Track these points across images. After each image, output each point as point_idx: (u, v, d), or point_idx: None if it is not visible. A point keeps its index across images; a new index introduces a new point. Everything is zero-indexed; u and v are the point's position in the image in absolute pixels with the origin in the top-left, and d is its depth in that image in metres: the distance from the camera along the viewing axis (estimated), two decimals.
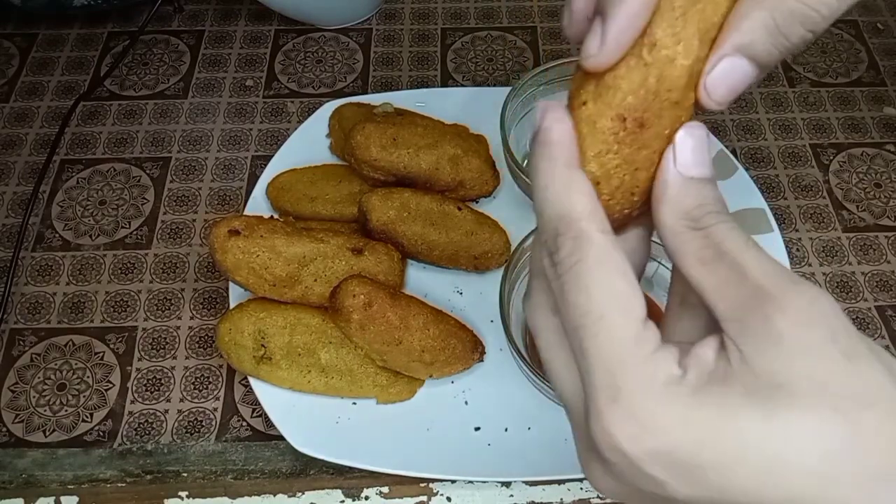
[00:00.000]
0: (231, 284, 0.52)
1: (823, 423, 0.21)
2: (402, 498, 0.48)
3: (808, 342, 0.22)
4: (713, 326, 0.24)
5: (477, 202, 0.58)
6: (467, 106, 0.62)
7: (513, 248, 0.53)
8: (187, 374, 0.52)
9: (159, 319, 0.55)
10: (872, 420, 0.21)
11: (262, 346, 0.48)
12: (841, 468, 0.21)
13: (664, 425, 0.22)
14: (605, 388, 0.23)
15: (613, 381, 0.23)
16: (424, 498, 0.48)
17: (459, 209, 0.54)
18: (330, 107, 0.62)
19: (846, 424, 0.21)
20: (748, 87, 0.26)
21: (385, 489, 0.48)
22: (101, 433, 0.50)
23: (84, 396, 0.51)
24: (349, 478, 0.48)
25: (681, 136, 0.26)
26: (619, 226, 0.27)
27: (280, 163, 0.59)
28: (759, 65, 0.26)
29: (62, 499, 0.48)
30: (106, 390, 0.52)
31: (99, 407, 0.51)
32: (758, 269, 0.23)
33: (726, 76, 0.25)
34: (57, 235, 0.59)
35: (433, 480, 0.48)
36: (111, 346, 0.53)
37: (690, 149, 0.26)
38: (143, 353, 0.53)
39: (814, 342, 0.22)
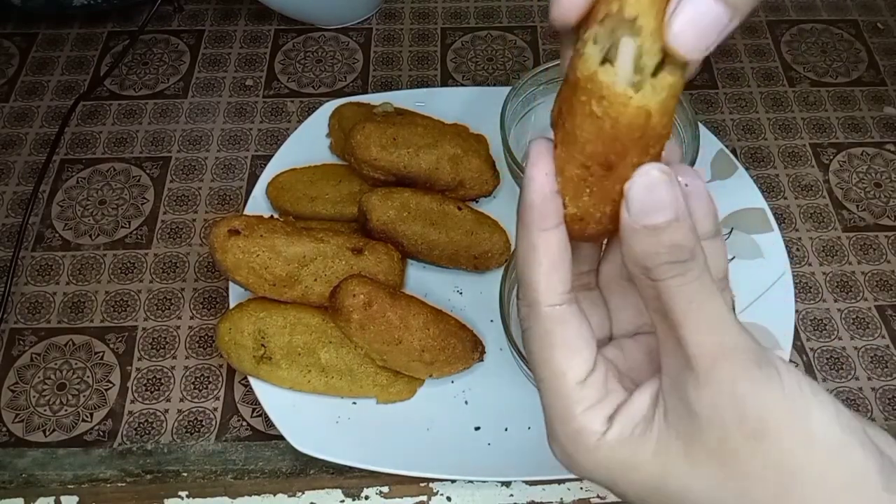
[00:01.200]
0: (231, 284, 0.52)
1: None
2: (402, 497, 0.48)
3: (719, 422, 0.25)
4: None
5: (477, 202, 0.58)
6: (467, 105, 0.62)
7: (513, 248, 0.53)
8: (187, 373, 0.52)
9: (159, 319, 0.55)
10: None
11: (262, 345, 0.48)
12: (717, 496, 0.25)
13: (584, 466, 0.27)
14: (549, 426, 0.29)
15: (552, 427, 0.28)
16: (424, 498, 0.48)
17: (459, 209, 0.54)
18: (330, 106, 0.62)
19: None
20: (724, 35, 0.24)
21: (385, 489, 0.48)
22: (101, 433, 0.50)
23: (84, 396, 0.51)
24: (349, 477, 0.48)
25: (629, 185, 0.25)
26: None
27: (280, 162, 0.59)
28: (732, 5, 0.23)
29: (62, 498, 0.48)
30: (106, 390, 0.52)
31: (99, 407, 0.51)
32: (693, 337, 0.25)
33: (692, 21, 0.23)
34: (57, 235, 0.59)
35: (433, 480, 0.48)
36: (111, 345, 0.53)
37: (639, 198, 0.24)
38: (143, 353, 0.53)
39: (723, 422, 0.25)
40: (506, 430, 0.49)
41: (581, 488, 0.48)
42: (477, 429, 0.49)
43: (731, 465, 0.25)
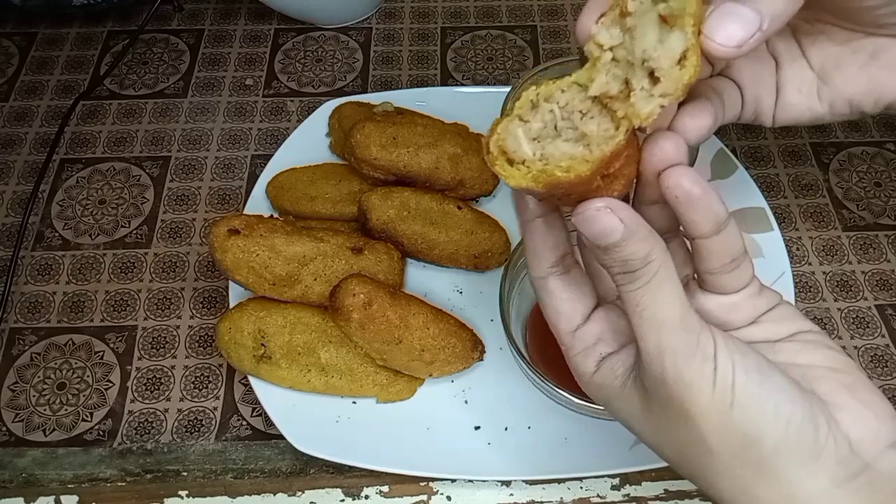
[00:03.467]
0: (231, 283, 0.52)
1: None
2: (401, 497, 0.48)
3: (657, 399, 0.31)
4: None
5: (477, 201, 0.58)
6: (467, 105, 0.62)
7: (513, 247, 0.53)
8: (187, 373, 0.52)
9: (159, 319, 0.55)
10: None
11: (262, 345, 0.48)
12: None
13: (585, 389, 0.34)
14: (565, 356, 0.34)
15: (564, 349, 0.34)
16: (424, 497, 0.48)
17: (459, 208, 0.54)
18: (330, 106, 0.62)
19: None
20: (756, 38, 0.28)
21: (385, 488, 0.48)
22: (101, 432, 0.50)
23: (84, 396, 0.51)
24: (349, 477, 0.48)
25: (573, 218, 0.29)
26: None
27: (280, 162, 0.59)
28: (761, 11, 0.28)
29: (62, 498, 0.48)
30: (106, 389, 0.52)
31: (99, 406, 0.51)
32: (639, 332, 0.29)
33: (724, 18, 0.28)
34: (57, 235, 0.59)
35: (433, 479, 0.48)
36: (111, 345, 0.53)
37: (583, 228, 0.29)
38: (142, 353, 0.53)
39: (659, 401, 0.31)
40: (505, 429, 0.49)
41: (581, 487, 0.48)
42: (477, 428, 0.49)
43: (666, 430, 0.31)
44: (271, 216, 0.52)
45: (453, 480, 0.48)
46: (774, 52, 0.38)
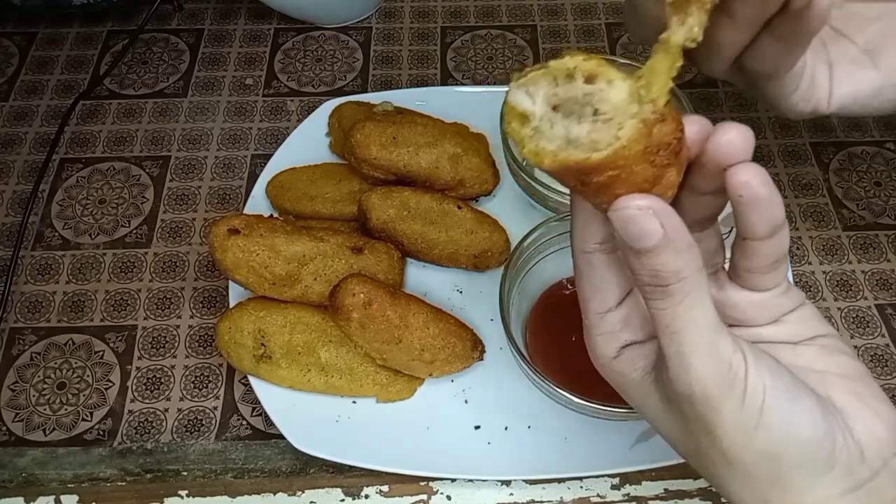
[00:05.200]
0: (231, 283, 0.52)
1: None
2: (401, 496, 0.48)
3: (679, 409, 0.30)
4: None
5: (477, 201, 0.58)
6: (467, 104, 0.62)
7: (512, 247, 0.53)
8: (187, 372, 0.52)
9: (159, 318, 0.55)
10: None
11: (262, 344, 0.48)
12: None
13: (599, 369, 0.33)
14: (585, 331, 0.33)
15: (585, 329, 0.33)
16: (424, 496, 0.48)
17: (459, 208, 0.54)
18: (330, 105, 0.61)
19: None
20: None
21: (385, 488, 0.48)
22: (101, 432, 0.50)
23: (84, 395, 0.51)
24: (349, 476, 0.48)
25: (610, 213, 0.27)
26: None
27: (280, 161, 0.59)
28: None
29: (62, 497, 0.48)
30: (106, 389, 0.52)
31: (99, 406, 0.51)
32: (667, 350, 0.28)
33: None
34: (56, 234, 0.59)
35: (433, 479, 0.48)
36: (111, 344, 0.53)
37: (618, 227, 0.27)
38: (142, 352, 0.53)
39: (682, 411, 0.30)
40: (506, 429, 0.49)
41: (581, 487, 0.48)
42: (477, 428, 0.49)
43: (685, 434, 0.31)
44: (271, 216, 0.52)
45: (453, 480, 0.48)
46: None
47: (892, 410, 0.31)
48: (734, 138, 0.27)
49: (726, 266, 0.33)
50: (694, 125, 0.28)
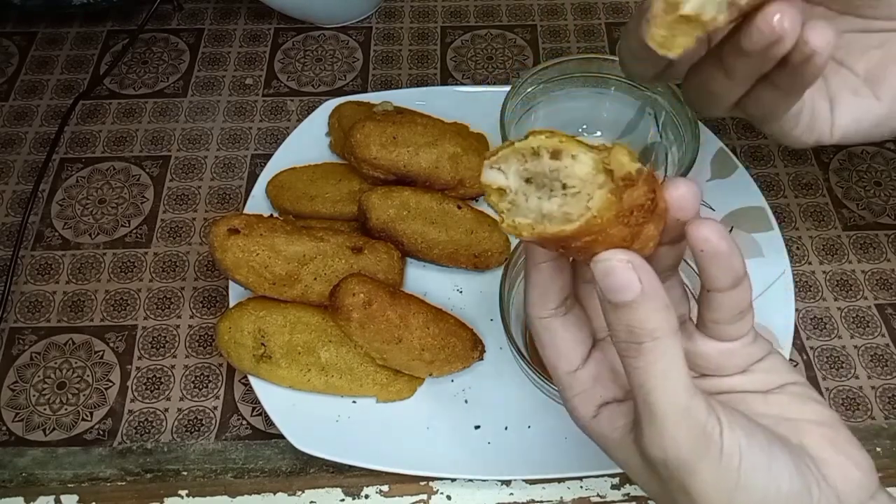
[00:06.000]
0: (231, 283, 0.52)
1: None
2: (401, 496, 0.48)
3: (658, 469, 0.30)
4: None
5: (477, 201, 0.58)
6: (467, 104, 0.62)
7: (512, 247, 0.53)
8: (187, 372, 0.52)
9: (159, 318, 0.55)
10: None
11: (262, 344, 0.48)
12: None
13: (582, 430, 0.33)
14: (562, 396, 0.34)
15: (561, 394, 0.34)
16: (424, 496, 0.48)
17: (459, 207, 0.54)
18: (330, 105, 0.62)
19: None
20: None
21: (385, 487, 0.48)
22: (101, 432, 0.50)
23: (84, 395, 0.51)
24: (349, 476, 0.48)
25: (592, 266, 0.27)
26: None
27: (280, 161, 0.59)
28: None
29: (62, 497, 0.48)
30: (106, 389, 0.52)
31: (99, 405, 0.51)
32: (641, 408, 0.28)
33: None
34: (56, 234, 0.59)
35: (433, 479, 0.48)
36: (111, 344, 0.53)
37: (599, 279, 0.27)
38: (142, 352, 0.53)
39: (659, 473, 0.30)
40: (505, 428, 0.49)
41: (581, 487, 0.48)
42: (477, 427, 0.49)
43: (665, 493, 0.31)
44: (271, 216, 0.52)
45: (453, 480, 0.48)
46: None
47: (865, 455, 0.31)
48: (686, 192, 0.28)
49: (693, 317, 0.33)
50: (676, 189, 0.28)
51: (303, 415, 0.48)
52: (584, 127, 0.60)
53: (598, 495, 0.48)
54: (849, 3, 0.37)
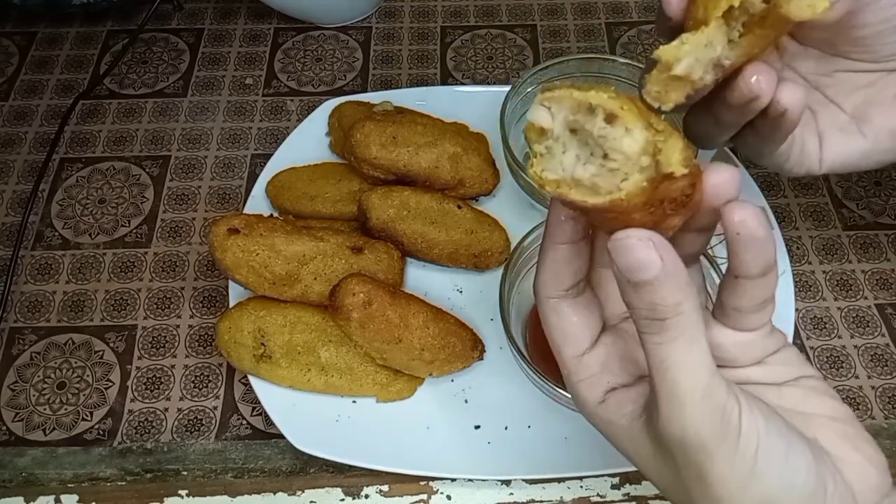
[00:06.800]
0: (231, 283, 0.52)
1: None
2: (401, 496, 0.48)
3: (672, 457, 0.30)
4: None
5: (477, 200, 0.58)
6: (467, 104, 0.62)
7: (512, 247, 0.53)
8: (187, 372, 0.52)
9: (159, 318, 0.55)
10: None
11: (262, 344, 0.48)
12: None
13: (584, 415, 0.33)
14: (566, 381, 0.33)
15: (565, 381, 0.33)
16: (424, 496, 0.48)
17: (459, 207, 0.54)
18: (329, 105, 0.61)
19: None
20: None
21: (385, 487, 0.48)
22: (101, 432, 0.50)
23: (84, 395, 0.51)
24: (349, 476, 0.48)
25: (609, 245, 0.27)
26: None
27: (280, 161, 0.59)
28: None
29: (62, 497, 0.48)
30: (106, 389, 0.52)
31: (99, 405, 0.51)
32: (660, 387, 0.28)
33: None
34: (56, 234, 0.59)
35: (433, 479, 0.48)
36: (111, 344, 0.53)
37: (617, 258, 0.27)
38: (142, 352, 0.53)
39: (675, 459, 0.30)
40: (506, 428, 0.49)
41: (581, 487, 0.48)
42: (477, 427, 0.49)
43: (676, 482, 0.30)
44: (271, 215, 0.52)
45: (453, 480, 0.48)
46: (808, 104, 0.40)
47: (880, 453, 0.31)
48: (726, 177, 0.28)
49: (709, 307, 0.33)
50: (718, 175, 0.28)
51: (303, 415, 0.48)
52: None
53: (598, 495, 0.48)
54: (838, 47, 0.39)
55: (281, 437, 0.47)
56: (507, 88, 0.56)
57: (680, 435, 0.28)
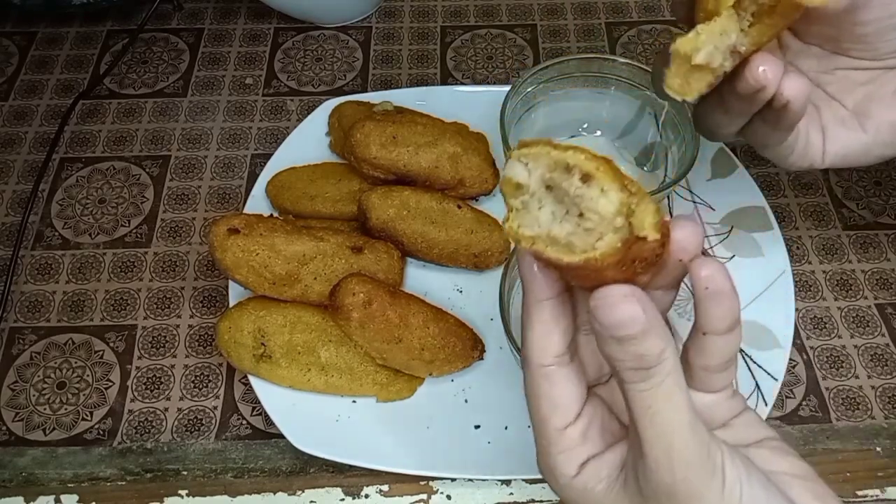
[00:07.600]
0: (231, 283, 0.52)
1: None
2: (402, 496, 0.48)
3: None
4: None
5: (477, 200, 0.58)
6: (467, 104, 0.62)
7: (512, 247, 0.53)
8: (187, 372, 0.52)
9: (159, 318, 0.55)
10: None
11: (262, 344, 0.48)
12: None
13: (558, 492, 0.32)
14: (536, 451, 0.33)
15: (537, 453, 0.33)
16: (424, 496, 0.48)
17: (459, 207, 0.54)
18: (329, 105, 0.61)
19: None
20: None
21: (385, 487, 0.48)
22: (101, 431, 0.50)
23: (84, 395, 0.51)
24: (349, 476, 0.48)
25: (591, 302, 0.27)
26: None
27: (280, 161, 0.59)
28: None
29: (62, 497, 0.48)
30: (106, 389, 0.52)
31: (99, 405, 0.51)
32: (646, 434, 0.28)
33: None
34: (56, 234, 0.59)
35: (433, 478, 0.48)
36: (111, 344, 0.53)
37: (601, 315, 0.27)
38: (142, 352, 0.53)
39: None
40: (506, 428, 0.49)
41: None
42: (477, 427, 0.49)
43: None
44: (271, 215, 0.53)
45: (453, 479, 0.48)
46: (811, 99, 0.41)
47: None
48: (689, 235, 0.28)
49: None
50: (681, 229, 0.28)
51: (303, 414, 0.48)
52: (585, 126, 0.60)
53: None
54: (839, 45, 0.40)
55: (281, 436, 0.47)
56: (507, 88, 0.56)
57: (669, 480, 0.28)
